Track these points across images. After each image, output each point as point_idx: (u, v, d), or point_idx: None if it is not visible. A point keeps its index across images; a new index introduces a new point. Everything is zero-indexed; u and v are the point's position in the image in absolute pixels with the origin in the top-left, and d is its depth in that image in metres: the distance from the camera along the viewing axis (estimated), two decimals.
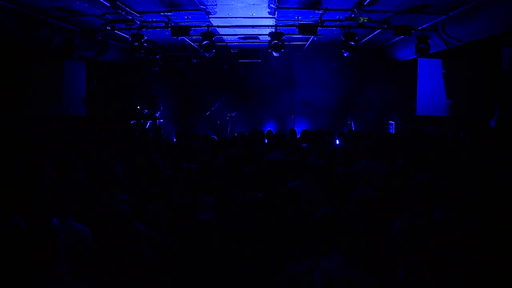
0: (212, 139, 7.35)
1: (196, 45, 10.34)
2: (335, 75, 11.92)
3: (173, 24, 7.82)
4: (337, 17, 7.44)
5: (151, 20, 7.75)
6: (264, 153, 5.13)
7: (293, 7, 6.92)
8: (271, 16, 7.55)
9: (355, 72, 12.02)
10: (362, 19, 7.00)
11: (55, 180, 3.63)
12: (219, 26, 8.39)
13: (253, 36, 9.71)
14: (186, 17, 7.60)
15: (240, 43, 10.81)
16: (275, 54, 8.11)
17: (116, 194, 3.44)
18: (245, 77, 12.42)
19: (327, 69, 12.09)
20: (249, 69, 12.22)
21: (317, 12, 7.15)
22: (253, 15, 7.51)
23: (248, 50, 11.59)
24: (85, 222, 2.89)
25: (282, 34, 7.90)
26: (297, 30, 7.52)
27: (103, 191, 3.40)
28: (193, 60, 12.54)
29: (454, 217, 2.74)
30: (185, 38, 9.41)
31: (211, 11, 7.17)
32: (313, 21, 7.84)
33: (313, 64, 12.02)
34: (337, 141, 7.32)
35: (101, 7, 6.78)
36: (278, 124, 12.60)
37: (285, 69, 12.24)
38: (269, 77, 12.06)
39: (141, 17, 7.46)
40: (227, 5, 6.74)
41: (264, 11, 7.24)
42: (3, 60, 8.41)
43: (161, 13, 7.32)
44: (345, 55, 8.05)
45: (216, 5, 6.73)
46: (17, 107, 9.19)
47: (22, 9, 6.60)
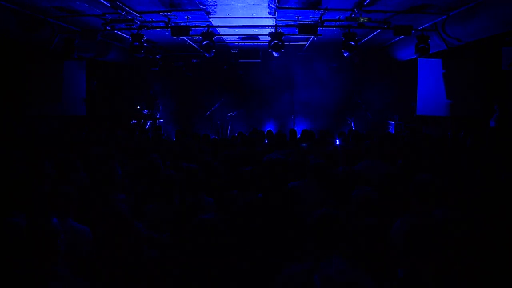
0: (213, 139, 7.34)
1: (196, 45, 10.34)
2: (335, 75, 11.91)
3: (173, 24, 7.82)
4: (337, 17, 7.44)
5: (151, 20, 7.75)
6: (264, 153, 5.13)
7: (293, 7, 6.92)
8: (271, 16, 7.55)
9: (355, 72, 12.02)
10: (362, 19, 6.99)
11: (55, 180, 3.64)
12: (219, 26, 8.40)
13: (253, 36, 9.71)
14: (186, 17, 7.61)
15: (240, 43, 10.80)
16: (275, 54, 8.10)
17: (116, 194, 3.44)
18: (245, 77, 12.42)
19: (327, 69, 12.08)
20: (249, 69, 12.22)
21: (317, 12, 7.15)
22: (253, 15, 7.51)
23: (248, 50, 11.59)
24: (85, 222, 2.90)
25: (282, 34, 7.90)
26: (297, 30, 7.52)
27: (103, 191, 3.40)
28: (193, 60, 12.53)
29: (454, 217, 2.74)
30: (185, 38, 9.41)
31: (211, 11, 7.17)
32: (313, 21, 7.84)
33: (313, 64, 12.01)
34: (337, 141, 7.32)
35: (101, 7, 6.78)
36: (278, 124, 12.59)
37: (285, 69, 12.23)
38: (269, 77, 12.04)
39: (141, 17, 7.46)
40: (227, 5, 6.74)
41: (264, 11, 7.24)
42: (3, 60, 8.41)
43: (161, 13, 7.33)
44: (345, 55, 8.04)
45: (216, 5, 6.74)
46: (17, 107, 9.18)
47: (22, 9, 6.61)
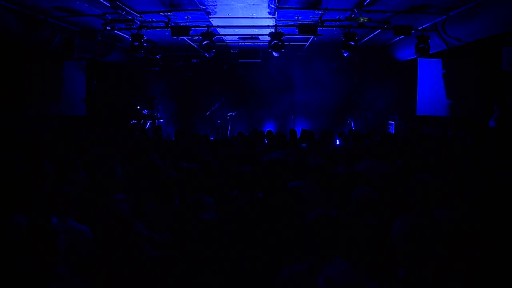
0: (212, 140, 7.34)
1: (196, 45, 10.34)
2: (335, 75, 11.91)
3: (173, 24, 7.82)
4: (337, 17, 7.43)
5: (151, 20, 7.75)
6: (264, 153, 5.14)
7: (293, 7, 6.92)
8: (271, 16, 7.55)
9: (355, 72, 12.01)
10: (362, 19, 6.99)
11: (55, 180, 3.64)
12: (219, 26, 8.39)
13: (253, 36, 9.71)
14: (186, 17, 7.60)
15: (240, 43, 10.80)
16: (275, 54, 8.10)
17: (116, 194, 3.44)
18: (245, 77, 12.42)
19: (327, 69, 12.09)
20: (249, 69, 12.21)
21: (317, 12, 7.15)
22: (253, 15, 7.51)
23: (248, 50, 11.58)
24: (85, 222, 2.89)
25: (282, 34, 7.89)
26: (297, 30, 7.52)
27: (103, 191, 3.40)
28: (193, 60, 12.53)
29: (454, 217, 2.74)
30: (185, 38, 9.41)
31: (211, 11, 7.17)
32: (313, 21, 7.84)
33: (313, 64, 12.01)
34: (337, 141, 7.32)
35: (101, 7, 6.78)
36: (278, 124, 12.59)
37: (285, 69, 12.22)
38: (269, 77, 12.04)
39: (141, 17, 7.46)
40: (227, 5, 6.74)
41: (264, 11, 7.24)
42: (3, 60, 8.41)
43: (161, 13, 7.33)
44: (345, 55, 8.04)
45: (216, 5, 6.74)
46: (17, 107, 9.19)
47: (22, 9, 6.61)
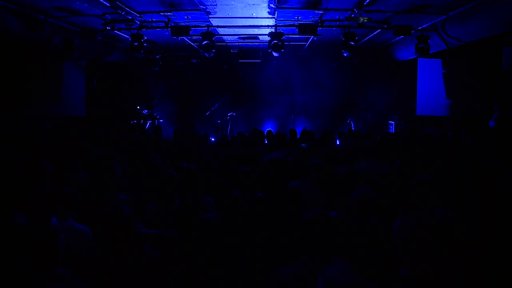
0: (211, 143, 7.34)
1: (196, 45, 10.34)
2: (335, 75, 11.91)
3: (173, 24, 7.82)
4: (337, 17, 7.43)
5: (151, 20, 7.75)
6: (264, 153, 5.14)
7: (293, 7, 6.92)
8: (271, 16, 7.55)
9: (355, 72, 12.02)
10: (362, 19, 6.99)
11: (55, 180, 3.64)
12: (219, 26, 8.39)
13: (253, 36, 9.71)
14: (186, 17, 7.60)
15: (240, 43, 10.80)
16: (275, 54, 8.10)
17: (116, 194, 3.44)
18: (245, 77, 12.41)
19: (327, 69, 12.09)
20: (249, 69, 12.21)
21: (317, 12, 7.15)
22: (253, 15, 7.51)
23: (248, 50, 11.58)
24: (85, 222, 2.89)
25: (282, 34, 7.89)
26: (297, 30, 7.51)
27: (103, 191, 3.40)
28: (193, 60, 12.53)
29: (454, 217, 2.74)
30: (185, 38, 9.41)
31: (211, 11, 7.17)
32: (313, 21, 7.84)
33: (313, 64, 12.01)
34: (337, 141, 7.33)
35: (101, 7, 6.78)
36: (278, 124, 12.59)
37: (285, 69, 12.23)
38: (269, 77, 12.03)
39: (141, 17, 7.46)
40: (227, 5, 6.74)
41: (264, 11, 7.24)
42: (3, 60, 8.41)
43: (161, 13, 7.32)
44: (345, 55, 8.04)
45: (216, 5, 6.73)
46: (17, 107, 9.18)
47: (22, 9, 6.61)
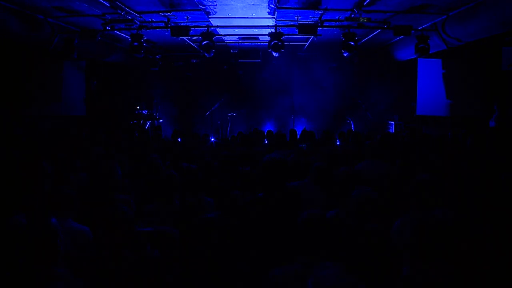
0: (211, 144, 7.34)
1: (196, 45, 10.34)
2: (335, 75, 11.91)
3: (172, 24, 7.82)
4: (337, 17, 7.43)
5: (150, 20, 7.75)
6: (264, 153, 5.14)
7: (293, 7, 6.92)
8: (271, 16, 7.55)
9: (355, 72, 12.01)
10: (362, 19, 6.99)
11: (55, 180, 3.63)
12: (219, 26, 8.39)
13: (253, 36, 9.71)
14: (185, 17, 7.60)
15: (240, 43, 10.80)
16: (275, 54, 8.10)
17: (116, 194, 3.44)
18: (245, 77, 12.42)
19: (327, 69, 12.08)
20: (249, 69, 12.21)
21: (317, 12, 7.15)
22: (252, 15, 7.51)
23: (248, 50, 11.58)
24: (85, 222, 2.89)
25: (282, 34, 7.89)
26: (297, 30, 7.51)
27: (103, 191, 3.39)
28: (193, 60, 12.53)
29: (454, 217, 2.74)
30: (185, 38, 9.41)
31: (210, 11, 7.17)
32: (313, 21, 7.84)
33: (313, 64, 12.01)
34: (337, 141, 7.33)
35: (100, 7, 6.77)
36: (278, 124, 12.59)
37: (285, 69, 12.22)
38: (269, 77, 12.04)
39: (140, 17, 7.46)
40: (227, 5, 6.74)
41: (264, 11, 7.24)
42: (3, 60, 8.41)
43: (161, 13, 7.32)
44: (345, 55, 8.04)
45: (215, 5, 6.73)
46: (17, 107, 9.18)
47: (22, 9, 6.60)
